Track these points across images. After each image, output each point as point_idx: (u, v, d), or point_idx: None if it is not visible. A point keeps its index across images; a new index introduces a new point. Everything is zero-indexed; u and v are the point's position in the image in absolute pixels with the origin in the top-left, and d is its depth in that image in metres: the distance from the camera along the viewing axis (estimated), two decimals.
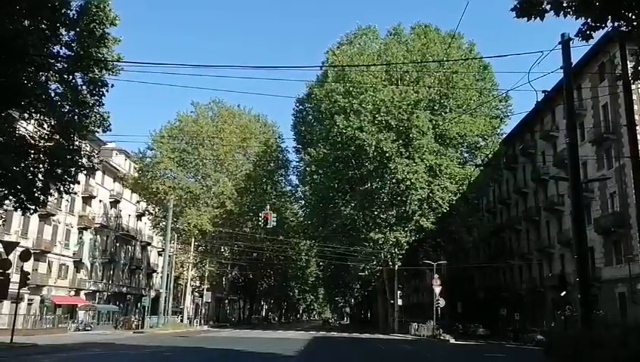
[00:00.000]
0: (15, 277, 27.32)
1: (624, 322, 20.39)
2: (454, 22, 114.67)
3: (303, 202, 60.43)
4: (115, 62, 21.24)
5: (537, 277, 50.96)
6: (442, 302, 46.55)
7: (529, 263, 53.45)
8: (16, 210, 22.79)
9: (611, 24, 8.68)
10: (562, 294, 34.11)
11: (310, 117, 55.06)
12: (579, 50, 65.32)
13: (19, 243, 30.93)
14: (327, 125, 49.31)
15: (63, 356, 20.26)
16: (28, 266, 34.39)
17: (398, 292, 53.52)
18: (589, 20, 8.51)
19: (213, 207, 56.48)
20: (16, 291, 26.13)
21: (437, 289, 46.61)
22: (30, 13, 18.91)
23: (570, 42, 13.75)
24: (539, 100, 17.01)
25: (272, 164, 61.59)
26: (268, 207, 44.87)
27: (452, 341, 41.42)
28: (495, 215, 64.33)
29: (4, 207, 22.72)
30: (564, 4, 8.40)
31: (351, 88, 47.01)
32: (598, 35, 9.23)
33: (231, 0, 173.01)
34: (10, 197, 21.07)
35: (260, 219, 40.69)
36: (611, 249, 38.87)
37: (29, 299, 46.61)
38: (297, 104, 56.56)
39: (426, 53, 47.60)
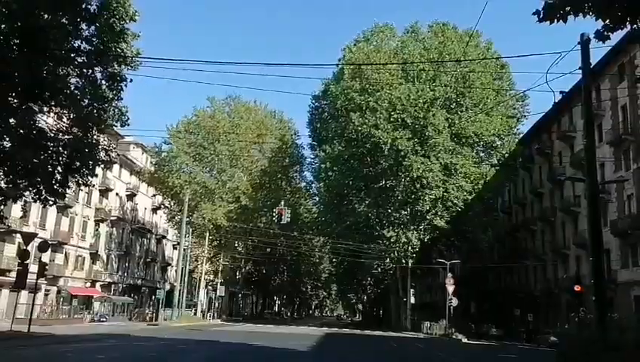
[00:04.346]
0: (33, 268, 27.74)
1: (639, 326, 20.19)
2: (472, 21, 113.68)
3: (318, 199, 60.58)
4: (134, 58, 21.43)
5: (552, 278, 50.56)
6: (455, 302, 46.42)
7: (544, 264, 53.03)
8: (35, 201, 23.14)
9: (630, 25, 8.62)
10: (576, 288, 32.96)
11: (326, 114, 55.05)
12: (599, 51, 64.55)
13: (37, 234, 31.51)
14: (342, 122, 49.31)
15: (79, 346, 20.59)
16: (45, 257, 34.89)
17: (411, 290, 53.43)
18: (607, 22, 8.45)
19: (228, 202, 56.80)
20: (34, 281, 26.56)
21: (450, 289, 46.49)
22: (52, 7, 19.16)
23: (590, 43, 13.65)
24: (556, 101, 16.89)
25: (287, 160, 61.78)
26: (282, 202, 45.22)
27: (464, 340, 41.31)
28: (510, 215, 63.88)
29: (24, 198, 23.08)
30: (585, 6, 8.34)
31: (367, 86, 46.95)
32: (618, 36, 9.16)
33: None
34: (30, 189, 21.41)
35: (275, 214, 41.04)
36: (628, 251, 38.43)
37: (46, 290, 47.29)
38: (313, 101, 56.64)
39: (443, 51, 47.36)
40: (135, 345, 21.63)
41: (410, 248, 48.78)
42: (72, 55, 20.77)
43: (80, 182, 22.52)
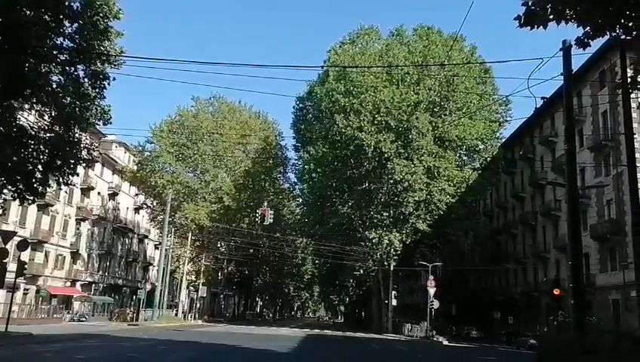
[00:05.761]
0: (12, 266, 27.36)
1: (617, 329, 20.50)
2: (457, 25, 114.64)
3: (301, 200, 60.57)
4: (117, 56, 21.23)
5: (532, 281, 51.12)
6: (436, 304, 46.68)
7: (524, 267, 53.61)
8: (14, 199, 22.80)
9: (609, 33, 8.77)
10: (555, 291, 33.43)
11: (310, 115, 54.99)
12: (580, 57, 65.49)
13: (16, 232, 31.00)
14: (326, 124, 49.32)
15: (58, 346, 20.35)
16: (25, 256, 34.37)
17: (393, 292, 53.63)
18: (588, 29, 8.59)
19: (211, 202, 56.53)
20: (13, 280, 26.16)
21: (431, 291, 46.74)
22: (34, 3, 18.91)
23: (571, 49, 13.85)
24: (538, 106, 17.10)
25: (270, 161, 61.64)
26: (265, 203, 45.16)
27: (445, 342, 41.58)
28: (492, 218, 64.46)
29: (3, 196, 22.73)
30: (567, 13, 8.46)
31: (352, 88, 46.99)
32: (599, 42, 9.32)
33: None
34: (9, 187, 21.09)
35: (258, 215, 40.95)
36: (606, 256, 39.03)
37: (24, 289, 46.62)
38: (298, 102, 56.53)
39: (428, 55, 47.58)
40: (115, 346, 21.43)
41: (392, 250, 48.93)
42: (55, 52, 20.53)
43: (61, 180, 22.26)
